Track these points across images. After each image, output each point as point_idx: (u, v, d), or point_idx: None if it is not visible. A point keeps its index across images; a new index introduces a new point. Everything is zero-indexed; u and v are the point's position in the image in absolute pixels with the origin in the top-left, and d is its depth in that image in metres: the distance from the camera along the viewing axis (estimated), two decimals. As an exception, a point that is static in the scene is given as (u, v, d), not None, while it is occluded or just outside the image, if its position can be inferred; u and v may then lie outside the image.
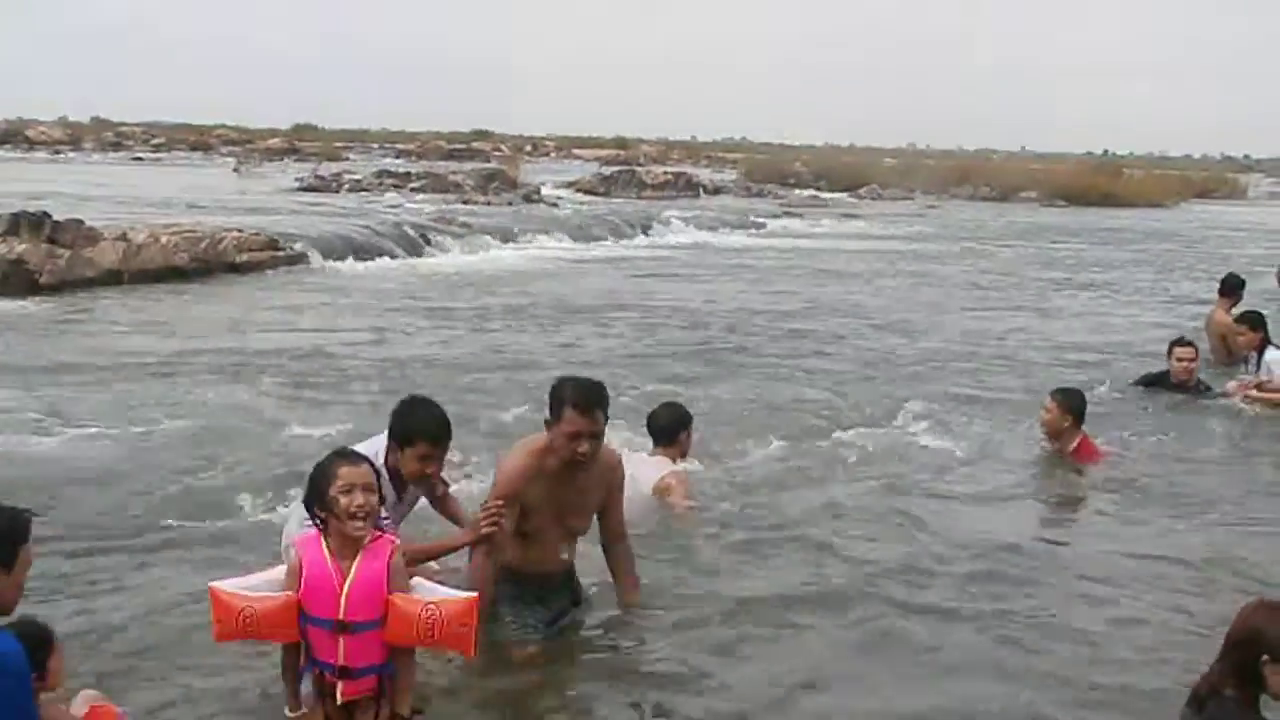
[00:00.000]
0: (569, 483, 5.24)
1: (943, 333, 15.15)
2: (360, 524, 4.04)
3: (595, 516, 5.50)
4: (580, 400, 5.11)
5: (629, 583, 5.64)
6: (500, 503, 5.04)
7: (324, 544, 4.09)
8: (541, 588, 5.39)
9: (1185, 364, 10.83)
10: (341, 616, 4.03)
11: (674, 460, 7.46)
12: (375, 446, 5.21)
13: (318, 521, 4.12)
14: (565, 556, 5.45)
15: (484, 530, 5.01)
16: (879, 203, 47.45)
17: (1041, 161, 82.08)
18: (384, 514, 4.97)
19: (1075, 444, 8.67)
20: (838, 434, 9.39)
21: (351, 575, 4.04)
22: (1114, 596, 6.27)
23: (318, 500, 4.10)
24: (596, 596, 5.72)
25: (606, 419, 5.23)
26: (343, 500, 4.03)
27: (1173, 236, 34.31)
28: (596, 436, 5.14)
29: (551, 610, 5.42)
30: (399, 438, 5.17)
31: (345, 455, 4.28)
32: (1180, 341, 11.10)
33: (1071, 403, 8.71)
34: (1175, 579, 6.55)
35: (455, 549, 5.37)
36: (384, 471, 5.15)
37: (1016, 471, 8.68)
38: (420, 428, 5.16)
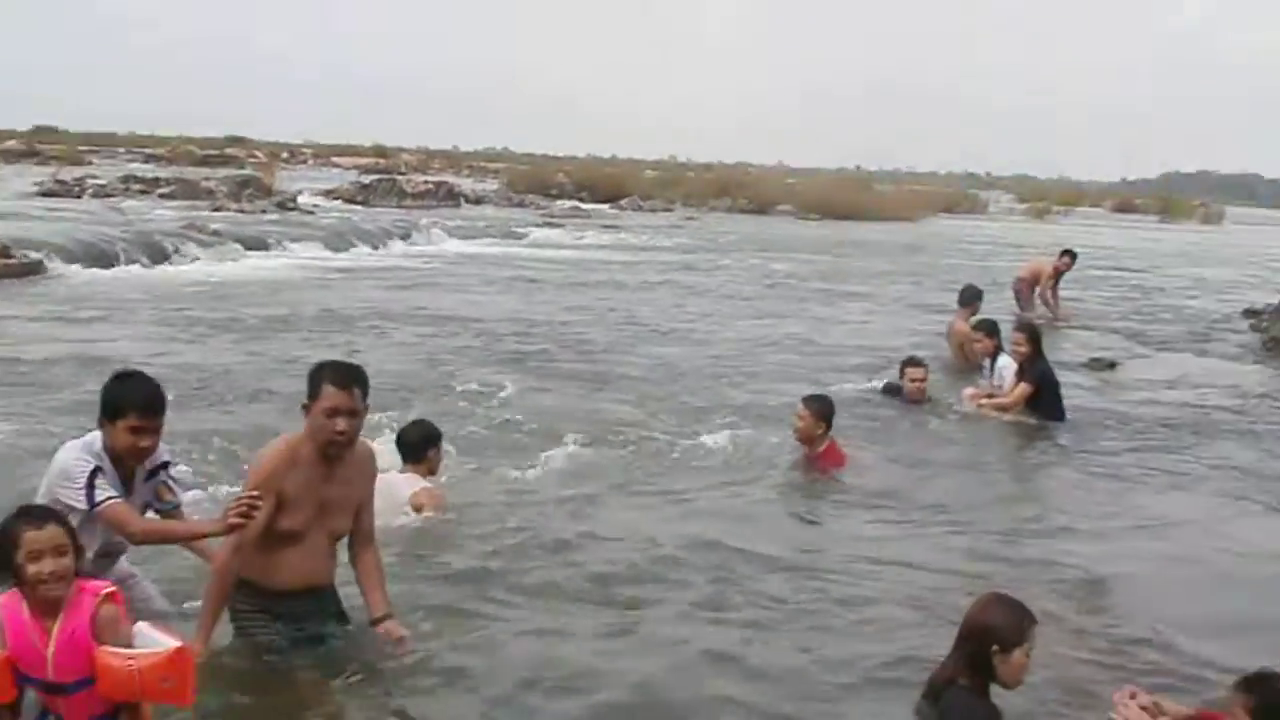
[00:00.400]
0: (328, 475, 5.04)
1: (718, 341, 15.46)
2: (52, 587, 3.76)
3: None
4: (337, 377, 4.98)
5: (379, 593, 5.36)
6: (255, 494, 4.76)
7: (25, 602, 3.80)
8: (302, 604, 5.13)
9: (916, 384, 11.27)
10: (51, 678, 3.77)
11: (423, 476, 7.37)
12: (94, 435, 4.99)
13: (10, 584, 3.82)
14: (328, 565, 5.21)
15: (232, 520, 4.68)
16: (640, 214, 48.08)
17: (797, 176, 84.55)
18: (112, 493, 4.82)
19: (823, 448, 8.90)
20: (614, 443, 9.48)
21: (54, 636, 3.77)
22: (855, 595, 6.49)
23: (3, 564, 3.80)
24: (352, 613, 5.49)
25: (366, 403, 5.07)
26: (31, 568, 3.75)
27: (923, 249, 35.80)
28: (354, 414, 4.98)
29: (312, 629, 5.18)
30: (109, 412, 4.94)
31: (29, 517, 3.92)
32: (911, 361, 11.53)
33: (822, 409, 8.94)
34: (913, 578, 6.81)
35: (196, 536, 5.15)
36: (105, 457, 4.93)
37: (773, 477, 8.87)
38: (128, 399, 4.95)
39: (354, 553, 5.36)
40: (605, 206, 49.74)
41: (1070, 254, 18.97)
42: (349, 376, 5.02)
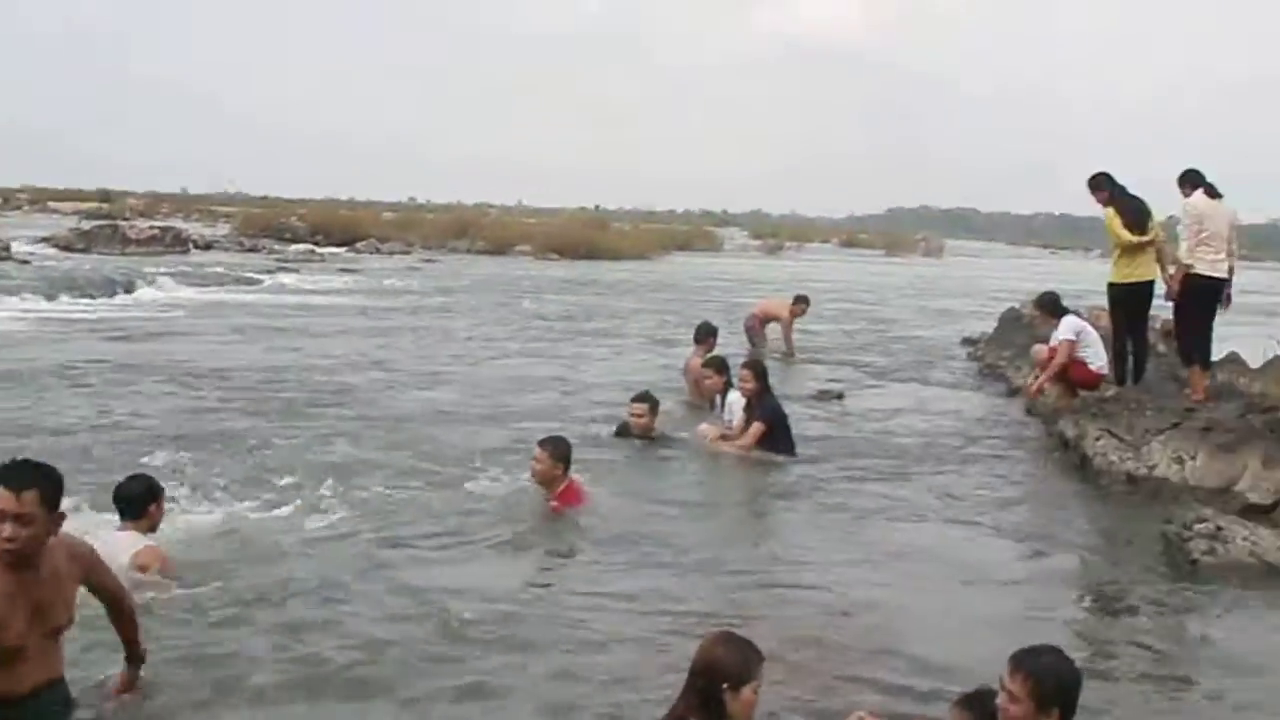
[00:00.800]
0: (33, 579, 4.61)
1: (471, 384, 15.38)
2: None
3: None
4: (3, 475, 4.53)
5: (131, 637, 5.27)
6: None
7: None
8: (31, 707, 4.71)
9: (637, 419, 11.52)
10: None
11: (144, 534, 7.05)
12: None
13: None
14: (54, 660, 4.84)
15: None
16: (378, 257, 47.58)
17: (536, 216, 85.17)
18: None
19: (563, 488, 8.98)
20: (371, 492, 9.33)
21: None
22: (590, 639, 6.51)
23: None
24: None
25: (47, 504, 4.57)
26: None
27: (664, 287, 36.62)
28: (20, 520, 4.47)
29: None
30: None
31: None
32: (636, 398, 11.78)
33: (558, 450, 9.01)
34: (647, 617, 6.88)
35: None
36: None
37: (521, 520, 8.80)
38: None
39: (106, 606, 5.20)
40: (342, 250, 49.03)
41: (804, 300, 19.82)
42: (15, 476, 4.53)
